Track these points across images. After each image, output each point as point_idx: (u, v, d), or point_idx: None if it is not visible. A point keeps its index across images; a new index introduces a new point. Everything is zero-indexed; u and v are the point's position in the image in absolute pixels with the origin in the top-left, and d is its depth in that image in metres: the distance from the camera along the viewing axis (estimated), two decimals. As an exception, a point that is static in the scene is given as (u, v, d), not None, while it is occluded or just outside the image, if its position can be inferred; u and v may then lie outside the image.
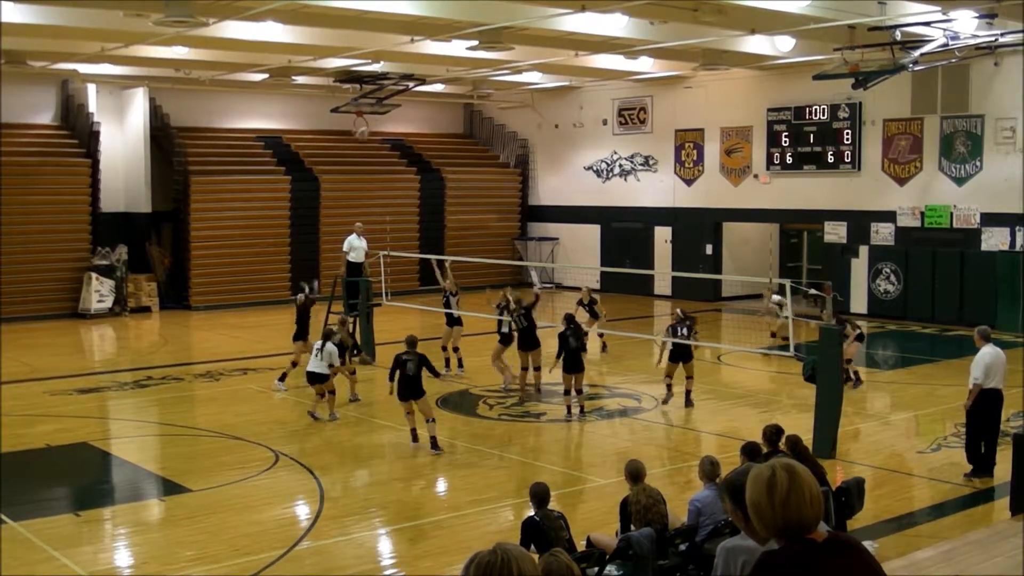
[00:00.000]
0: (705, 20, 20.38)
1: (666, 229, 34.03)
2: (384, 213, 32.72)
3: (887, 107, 28.24)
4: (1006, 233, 26.30)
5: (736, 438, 13.86)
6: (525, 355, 18.63)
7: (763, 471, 3.79)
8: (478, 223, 37.17)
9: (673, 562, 9.29)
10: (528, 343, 18.58)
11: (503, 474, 14.02)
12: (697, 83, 32.40)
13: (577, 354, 17.05)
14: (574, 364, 16.97)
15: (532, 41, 24.02)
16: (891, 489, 13.25)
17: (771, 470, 3.78)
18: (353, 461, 15.01)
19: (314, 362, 17.02)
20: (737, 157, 32.22)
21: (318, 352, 16.98)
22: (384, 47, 24.31)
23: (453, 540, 11.33)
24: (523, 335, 18.64)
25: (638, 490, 9.55)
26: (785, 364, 20.72)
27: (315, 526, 11.80)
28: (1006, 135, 26.30)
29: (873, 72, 22.30)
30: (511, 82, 33.93)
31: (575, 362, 16.98)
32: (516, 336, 18.86)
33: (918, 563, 8.91)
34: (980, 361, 13.08)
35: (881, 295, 28.25)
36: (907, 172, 28.32)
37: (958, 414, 15.23)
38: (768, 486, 3.73)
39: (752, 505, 3.77)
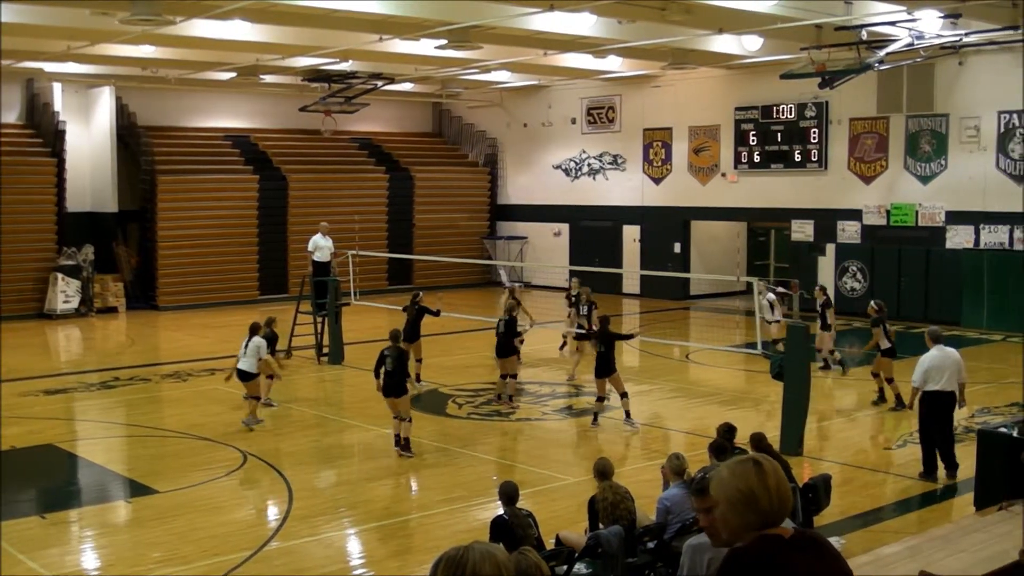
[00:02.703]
0: (673, 19, 20.45)
1: (634, 228, 34.13)
2: (353, 212, 32.62)
3: (853, 106, 28.43)
4: (971, 231, 26.55)
5: (704, 436, 13.90)
6: (501, 362, 18.28)
7: (744, 463, 3.76)
8: (447, 222, 37.15)
9: (642, 560, 9.33)
10: (504, 350, 18.21)
11: (472, 473, 14.02)
12: (665, 82, 32.51)
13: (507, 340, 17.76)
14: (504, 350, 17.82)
15: (501, 40, 24.03)
16: (857, 485, 13.34)
17: (752, 460, 3.78)
18: (322, 461, 14.95)
19: (242, 359, 16.49)
20: (705, 156, 32.35)
21: (244, 348, 16.48)
22: (352, 46, 24.24)
23: (422, 539, 11.34)
24: (500, 342, 18.30)
25: (605, 487, 9.59)
26: (753, 362, 20.86)
27: (284, 526, 11.77)
28: (970, 134, 26.54)
29: (839, 71, 22.45)
30: (480, 81, 33.92)
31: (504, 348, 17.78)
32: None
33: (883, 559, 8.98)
34: (920, 364, 13.17)
35: (848, 293, 28.44)
36: (873, 171, 28.53)
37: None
38: (759, 474, 3.70)
39: (744, 495, 3.68)
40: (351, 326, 22.86)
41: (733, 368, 21.98)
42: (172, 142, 33.20)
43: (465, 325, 26.26)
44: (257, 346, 16.43)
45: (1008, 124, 25.86)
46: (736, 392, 19.85)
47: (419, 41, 23.69)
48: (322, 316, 22.26)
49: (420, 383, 19.26)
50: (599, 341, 16.46)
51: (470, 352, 23.94)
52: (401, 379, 14.71)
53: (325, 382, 20.96)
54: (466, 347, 24.55)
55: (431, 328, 25.53)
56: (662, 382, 20.24)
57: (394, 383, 14.66)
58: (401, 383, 14.68)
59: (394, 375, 14.64)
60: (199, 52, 25.81)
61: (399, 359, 14.73)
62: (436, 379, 20.32)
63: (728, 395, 19.33)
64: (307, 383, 21.01)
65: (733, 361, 22.32)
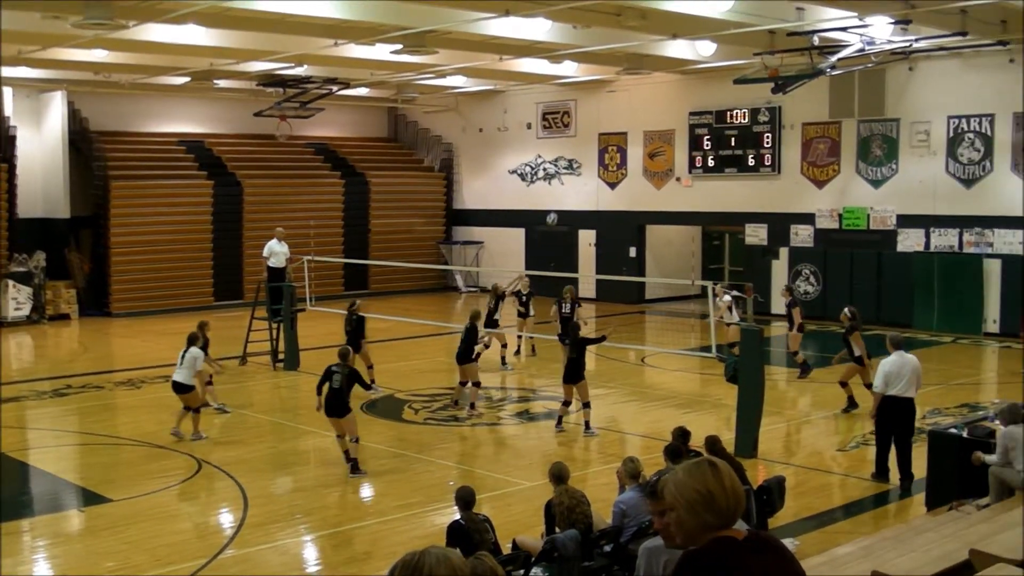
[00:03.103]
0: (628, 25, 20.57)
1: (590, 232, 34.24)
2: (308, 217, 32.53)
3: (806, 111, 28.70)
4: (921, 234, 26.88)
5: (659, 439, 13.99)
6: (461, 368, 17.89)
7: (699, 464, 3.80)
8: (403, 227, 37.10)
9: (598, 563, 9.37)
10: (463, 357, 17.83)
11: (429, 478, 14.00)
12: (620, 87, 32.66)
13: (468, 347, 17.59)
14: (464, 356, 17.59)
15: (456, 45, 24.05)
16: (811, 487, 13.46)
17: (707, 462, 3.82)
18: (277, 468, 14.88)
19: (178, 371, 15.98)
20: (660, 160, 32.51)
21: (181, 359, 15.94)
22: (307, 50, 24.16)
23: (379, 545, 11.31)
24: (460, 348, 17.93)
25: (561, 491, 9.62)
26: (708, 365, 20.99)
27: (239, 534, 11.70)
28: (920, 138, 26.87)
29: (792, 76, 22.67)
30: (435, 86, 33.90)
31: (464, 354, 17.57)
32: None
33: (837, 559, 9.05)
34: (881, 369, 13.21)
35: (801, 296, 28.65)
36: (825, 175, 28.81)
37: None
38: (715, 474, 3.74)
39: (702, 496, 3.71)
40: (307, 332, 22.78)
41: (688, 371, 22.11)
42: (125, 147, 32.91)
43: (421, 330, 26.26)
44: (194, 357, 15.93)
45: (957, 129, 26.21)
46: (691, 395, 19.97)
47: (374, 46, 23.65)
48: (277, 322, 22.15)
49: (375, 388, 19.16)
50: (570, 347, 16.28)
51: (426, 357, 23.94)
52: (346, 399, 14.08)
53: (280, 388, 20.86)
54: (422, 352, 24.54)
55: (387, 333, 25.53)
56: (617, 386, 20.31)
57: (338, 403, 14.04)
58: (345, 403, 14.08)
59: (339, 394, 14.04)
60: (152, 56, 25.62)
61: (348, 378, 14.12)
62: (392, 384, 20.28)
63: (683, 398, 19.44)
64: (262, 389, 20.91)
65: (688, 364, 22.45)
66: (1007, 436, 10.45)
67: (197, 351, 16.06)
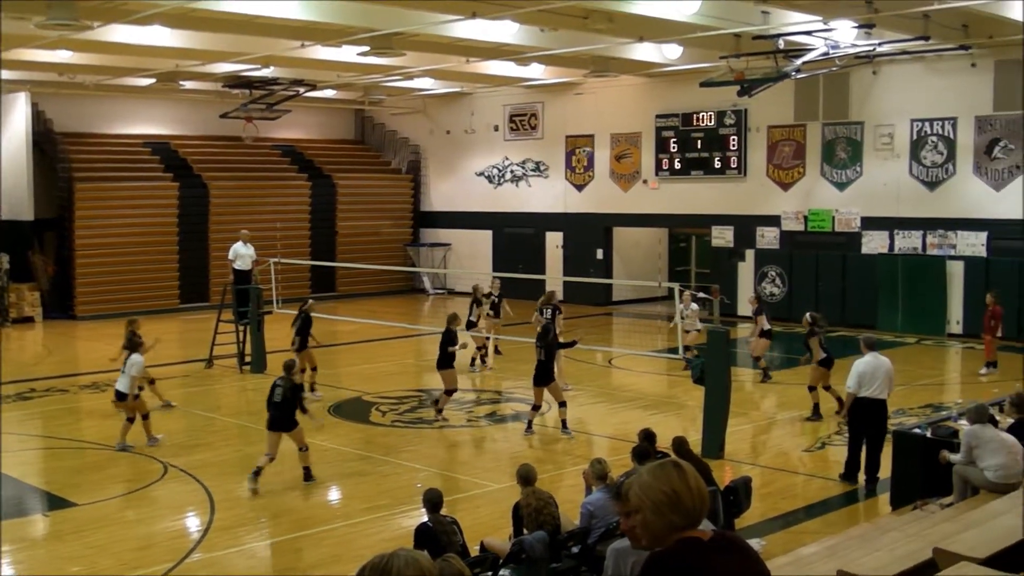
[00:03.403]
0: (594, 28, 20.62)
1: (557, 234, 34.30)
2: (275, 220, 32.45)
3: (771, 114, 28.86)
4: (885, 236, 27.10)
5: (627, 440, 14.03)
6: (441, 375, 17.60)
7: (664, 466, 3.81)
8: (370, 229, 37.03)
9: (566, 565, 9.39)
10: (442, 362, 17.56)
11: (396, 481, 13.99)
12: (587, 89, 32.74)
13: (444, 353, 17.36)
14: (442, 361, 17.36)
15: (423, 47, 24.04)
16: (778, 487, 13.54)
17: (672, 463, 3.84)
18: (244, 471, 14.76)
19: (120, 378, 15.54)
20: (626, 163, 32.62)
21: (124, 365, 15.54)
22: (274, 52, 24.07)
23: (346, 548, 11.28)
24: (439, 355, 17.65)
25: (528, 493, 9.64)
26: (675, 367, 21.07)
27: (206, 538, 11.65)
28: (884, 141, 27.10)
29: (757, 79, 22.82)
30: (403, 88, 33.87)
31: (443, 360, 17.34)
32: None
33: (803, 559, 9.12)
34: (854, 370, 13.26)
35: (767, 297, 28.82)
36: (791, 177, 28.99)
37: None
38: (680, 475, 3.76)
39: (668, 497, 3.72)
40: (273, 335, 22.64)
41: (655, 373, 22.20)
42: (90, 149, 32.69)
43: (388, 332, 26.22)
44: (133, 364, 15.51)
45: (920, 132, 26.45)
46: (659, 396, 20.05)
47: (341, 48, 23.62)
48: (244, 325, 22.06)
49: (315, 393, 18.83)
50: (541, 349, 16.21)
51: (393, 359, 23.90)
52: (290, 412, 13.57)
53: (247, 391, 20.75)
54: (389, 354, 24.50)
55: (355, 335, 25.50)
56: (585, 387, 20.34)
57: (282, 416, 13.55)
58: (290, 417, 13.56)
59: (282, 407, 13.53)
60: (117, 57, 25.45)
61: (291, 391, 13.61)
62: (359, 387, 20.25)
63: (650, 400, 19.51)
64: (229, 392, 20.82)
65: (655, 366, 22.54)
66: (971, 435, 10.56)
67: (137, 358, 15.57)
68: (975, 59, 24.96)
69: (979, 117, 25.47)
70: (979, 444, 10.43)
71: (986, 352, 21.23)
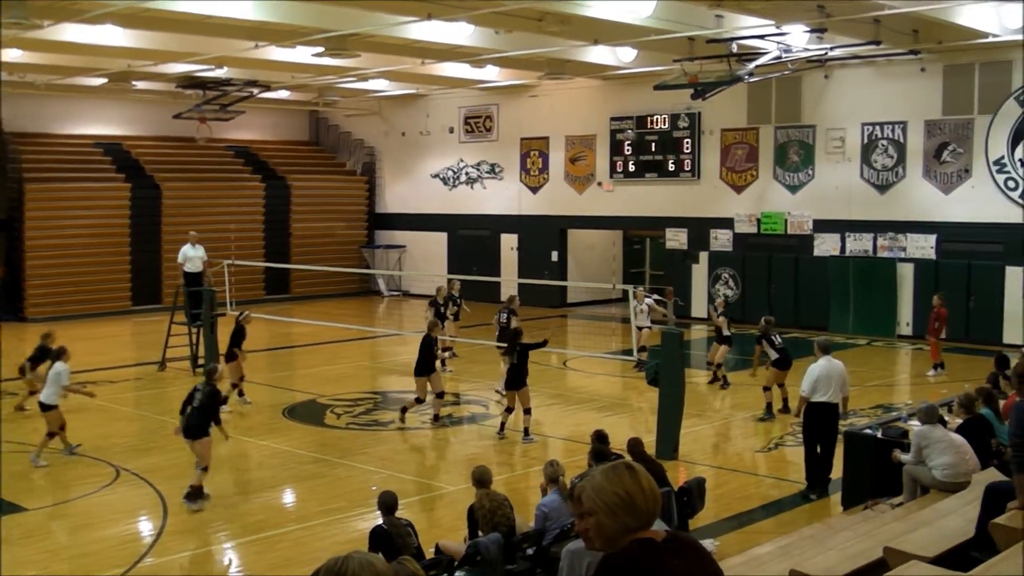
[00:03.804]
0: (549, 30, 20.68)
1: (512, 236, 34.34)
2: (228, 221, 32.25)
3: (724, 117, 29.07)
4: (837, 239, 27.37)
5: (582, 442, 14.08)
6: (418, 381, 17.17)
7: (617, 468, 3.83)
8: (324, 231, 36.90)
9: (521, 566, 9.42)
10: (421, 369, 17.16)
11: (351, 483, 13.95)
12: (542, 92, 32.81)
13: (428, 357, 17.06)
14: (424, 367, 16.95)
15: (378, 48, 23.99)
16: (731, 488, 13.64)
17: (624, 464, 3.86)
18: (198, 474, 14.71)
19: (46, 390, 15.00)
20: (581, 165, 32.71)
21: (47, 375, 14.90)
22: (227, 52, 23.92)
23: (300, 551, 11.23)
24: (418, 360, 17.29)
25: (483, 495, 9.66)
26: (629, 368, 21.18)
27: (159, 542, 11.56)
28: (836, 144, 27.37)
29: (711, 83, 22.97)
30: (357, 89, 33.77)
31: (425, 365, 16.96)
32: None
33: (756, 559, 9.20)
34: (809, 374, 13.24)
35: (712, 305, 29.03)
36: (744, 180, 29.21)
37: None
38: (633, 476, 3.78)
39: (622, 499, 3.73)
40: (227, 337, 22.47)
41: (610, 375, 22.28)
42: (41, 149, 32.30)
43: (343, 334, 26.14)
44: (58, 373, 15.03)
45: (871, 136, 26.74)
46: (613, 398, 20.12)
47: (295, 48, 23.52)
48: (197, 327, 21.89)
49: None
50: (513, 354, 16.09)
51: (349, 361, 23.82)
52: (204, 420, 13.12)
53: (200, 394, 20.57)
54: (345, 356, 24.42)
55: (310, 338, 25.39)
56: (540, 389, 20.30)
57: (193, 424, 13.09)
58: (201, 425, 13.09)
59: (197, 414, 13.13)
60: (69, 57, 25.19)
61: (209, 397, 13.23)
62: (313, 389, 20.17)
63: (605, 401, 19.57)
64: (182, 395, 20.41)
65: (610, 368, 22.62)
66: (921, 435, 10.68)
67: (62, 366, 15.07)
68: (924, 64, 25.29)
69: (928, 121, 25.79)
70: (928, 444, 10.55)
71: (932, 354, 21.49)
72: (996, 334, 24.25)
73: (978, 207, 25.04)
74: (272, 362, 24.03)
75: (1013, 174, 24.54)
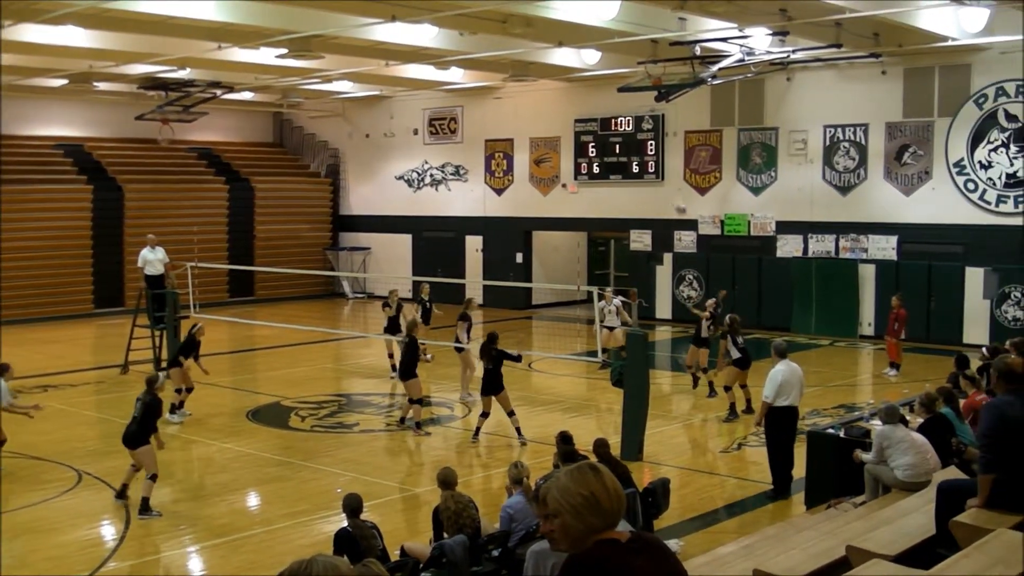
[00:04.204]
0: (513, 32, 20.71)
1: (477, 238, 34.34)
2: (191, 223, 32.08)
3: (688, 119, 29.21)
4: (799, 240, 27.56)
5: (547, 443, 14.12)
6: (405, 385, 16.95)
7: (581, 469, 3.85)
8: (288, 233, 36.76)
9: (486, 568, 9.43)
10: (407, 372, 16.84)
11: (316, 486, 13.91)
12: (506, 94, 32.82)
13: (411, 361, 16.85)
14: (407, 371, 16.78)
15: (342, 50, 23.93)
16: (695, 488, 13.70)
17: (589, 465, 3.88)
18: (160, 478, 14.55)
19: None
20: (546, 167, 32.77)
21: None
22: (190, 53, 23.77)
23: (265, 555, 11.19)
24: (402, 363, 17.11)
25: (448, 497, 9.66)
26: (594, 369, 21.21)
27: (121, 546, 11.48)
28: (798, 147, 27.57)
29: (674, 85, 23.07)
30: (321, 91, 33.67)
31: (407, 369, 16.79)
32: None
33: (720, 558, 9.25)
34: (772, 379, 13.14)
35: (684, 301, 29.16)
36: (707, 182, 29.36)
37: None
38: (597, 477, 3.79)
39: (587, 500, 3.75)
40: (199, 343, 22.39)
41: (575, 376, 22.32)
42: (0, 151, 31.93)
43: (308, 337, 26.05)
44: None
45: (833, 138, 26.95)
46: (578, 399, 20.16)
47: (259, 50, 23.42)
48: (160, 329, 21.75)
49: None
50: (489, 359, 15.97)
51: (313, 364, 23.74)
52: (142, 429, 12.90)
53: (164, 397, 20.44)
54: (309, 359, 24.33)
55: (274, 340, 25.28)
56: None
57: (131, 433, 12.89)
58: (139, 434, 12.86)
59: (132, 425, 12.93)
60: (29, 57, 24.92)
61: (147, 407, 12.99)
62: (278, 392, 20.09)
63: (571, 403, 19.62)
64: (145, 398, 20.46)
65: (575, 369, 22.67)
66: (882, 436, 10.77)
67: (3, 384, 14.54)
68: (885, 67, 25.50)
69: (889, 123, 26.03)
70: (890, 444, 10.64)
71: (890, 354, 21.68)
72: (956, 334, 24.50)
73: (938, 208, 25.30)
74: (236, 365, 23.91)
75: (972, 176, 24.80)
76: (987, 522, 7.44)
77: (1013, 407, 7.68)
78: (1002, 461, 7.65)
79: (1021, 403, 7.70)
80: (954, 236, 24.97)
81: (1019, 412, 7.64)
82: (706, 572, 8.66)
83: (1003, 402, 7.86)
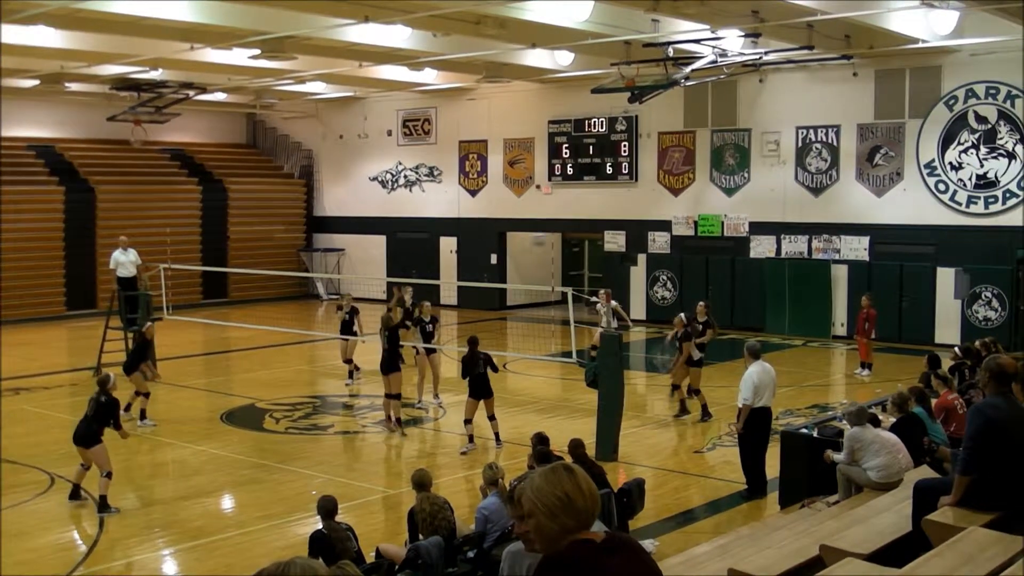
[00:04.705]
0: (487, 33, 20.70)
1: (451, 239, 34.33)
2: (164, 225, 31.90)
3: (662, 120, 29.29)
4: (772, 241, 27.69)
5: (522, 444, 14.13)
6: (386, 379, 16.99)
7: (556, 470, 3.86)
8: (262, 234, 36.65)
9: (462, 569, 9.44)
10: (389, 366, 16.89)
11: (291, 488, 13.87)
12: (480, 95, 32.82)
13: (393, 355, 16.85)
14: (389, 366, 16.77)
15: (316, 51, 23.87)
16: (670, 488, 13.75)
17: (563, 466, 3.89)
18: (134, 481, 14.54)
19: None
20: (520, 168, 32.79)
21: None
22: (163, 54, 23.65)
23: (240, 557, 11.16)
24: (384, 357, 17.01)
25: (423, 498, 9.66)
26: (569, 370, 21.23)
27: (94, 550, 11.42)
28: (771, 148, 27.70)
29: (648, 86, 23.13)
30: (295, 92, 33.57)
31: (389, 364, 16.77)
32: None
33: (695, 558, 9.28)
34: (749, 381, 13.05)
35: (658, 301, 29.27)
36: (681, 183, 29.45)
37: (730, 414, 15.97)
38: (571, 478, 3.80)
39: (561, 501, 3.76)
40: (164, 341, 22.25)
41: (550, 377, 22.35)
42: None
43: (282, 338, 25.98)
44: None
45: (805, 139, 27.09)
46: (553, 400, 20.19)
47: (232, 50, 23.33)
48: (133, 331, 21.62)
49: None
50: (480, 363, 15.75)
51: (288, 366, 23.68)
52: (92, 427, 12.86)
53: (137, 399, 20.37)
54: (283, 361, 24.27)
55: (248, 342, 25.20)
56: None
57: (85, 431, 12.86)
58: (93, 432, 12.85)
59: (87, 422, 12.90)
60: (-1, 58, 24.77)
61: (100, 407, 12.94)
62: (252, 394, 20.03)
63: (546, 403, 19.64)
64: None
65: (550, 370, 22.70)
66: (852, 438, 10.81)
67: None
68: (857, 69, 25.64)
69: (861, 125, 26.19)
70: (861, 446, 10.67)
71: (861, 354, 21.82)
72: (928, 334, 24.68)
73: (910, 209, 25.47)
74: (210, 366, 23.82)
75: (943, 177, 24.98)
76: (959, 520, 7.49)
77: (999, 410, 7.62)
78: (981, 464, 7.61)
79: (1007, 405, 7.66)
80: (925, 237, 25.14)
81: (1004, 415, 7.60)
82: (681, 572, 8.69)
83: (989, 404, 7.76)
